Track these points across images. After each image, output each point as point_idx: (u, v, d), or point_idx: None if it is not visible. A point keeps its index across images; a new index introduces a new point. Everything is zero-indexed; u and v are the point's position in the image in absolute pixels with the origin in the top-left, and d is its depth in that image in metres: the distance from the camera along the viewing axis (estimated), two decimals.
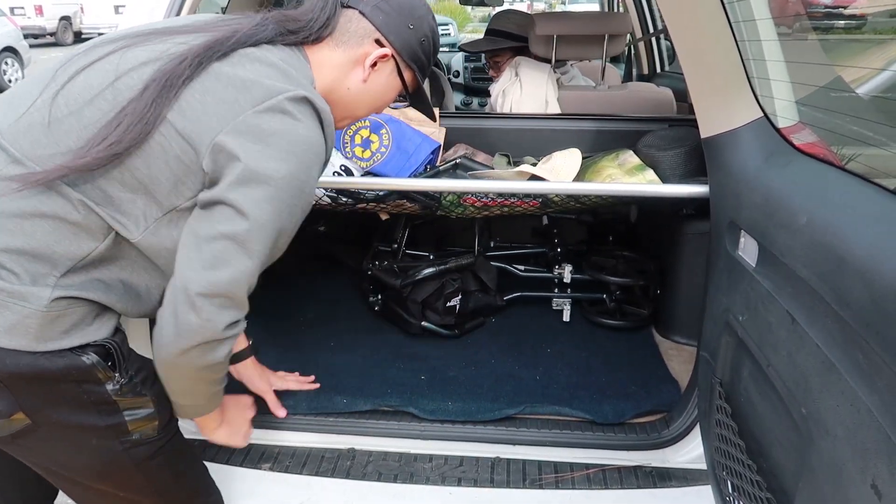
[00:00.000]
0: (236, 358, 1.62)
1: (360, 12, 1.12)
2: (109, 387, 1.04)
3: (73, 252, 0.97)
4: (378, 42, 1.13)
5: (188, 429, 1.73)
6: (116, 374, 1.04)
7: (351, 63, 1.14)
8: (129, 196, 0.98)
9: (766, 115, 1.34)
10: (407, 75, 1.20)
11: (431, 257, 2.39)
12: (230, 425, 1.44)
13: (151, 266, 1.05)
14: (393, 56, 1.15)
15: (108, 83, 0.97)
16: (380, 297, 2.29)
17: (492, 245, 2.58)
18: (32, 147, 0.96)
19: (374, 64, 1.14)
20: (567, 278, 2.29)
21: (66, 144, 0.95)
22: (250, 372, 1.69)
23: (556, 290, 2.35)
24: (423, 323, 2.18)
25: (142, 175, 0.97)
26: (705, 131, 1.45)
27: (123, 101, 0.95)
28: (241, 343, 1.65)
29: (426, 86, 2.38)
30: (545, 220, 2.62)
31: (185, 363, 1.03)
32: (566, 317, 2.29)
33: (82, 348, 1.00)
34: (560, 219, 2.61)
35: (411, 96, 1.26)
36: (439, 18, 8.30)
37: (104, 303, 1.02)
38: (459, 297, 2.20)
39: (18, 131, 0.97)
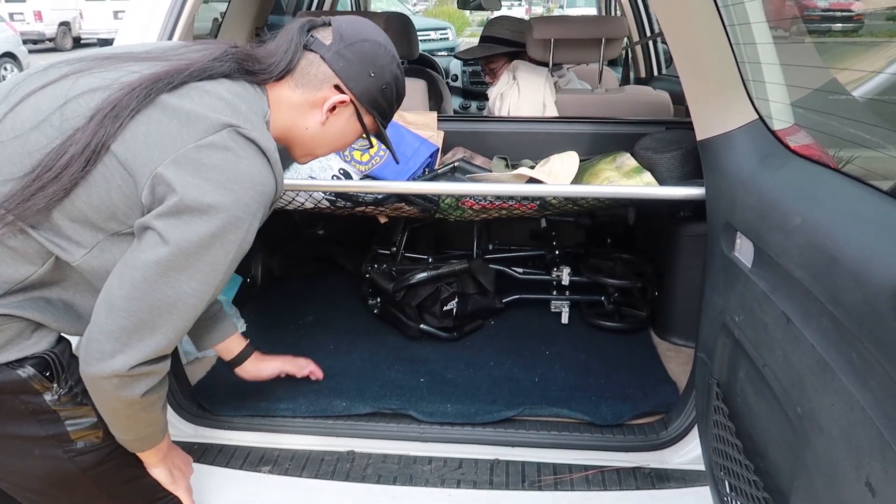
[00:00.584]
0: (238, 360, 1.61)
1: (322, 57, 1.12)
2: (48, 397, 1.03)
3: (10, 276, 0.96)
4: (338, 88, 1.14)
5: (183, 430, 1.75)
6: (55, 385, 1.03)
7: (309, 105, 1.14)
8: (69, 223, 0.96)
9: (761, 117, 1.35)
10: (367, 120, 1.20)
11: (430, 260, 2.39)
12: (170, 471, 1.29)
13: (95, 289, 1.02)
14: (352, 101, 1.16)
15: (57, 107, 0.96)
16: (378, 300, 2.30)
17: (490, 248, 2.59)
18: None
19: (333, 108, 1.15)
20: (565, 280, 2.30)
21: (9, 171, 0.93)
22: (258, 367, 1.65)
23: (554, 293, 2.36)
24: (421, 326, 2.19)
25: (82, 203, 0.95)
26: (701, 134, 1.46)
27: (69, 129, 0.94)
28: (239, 344, 1.61)
29: (424, 90, 2.40)
30: (543, 223, 2.63)
31: (100, 389, 1.01)
32: (564, 319, 2.30)
33: (19, 361, 0.99)
34: (558, 222, 2.61)
35: (370, 139, 1.27)
36: (437, 23, 8.31)
37: (41, 322, 1.01)
38: (456, 300, 2.20)
39: None
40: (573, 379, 1.95)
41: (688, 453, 1.65)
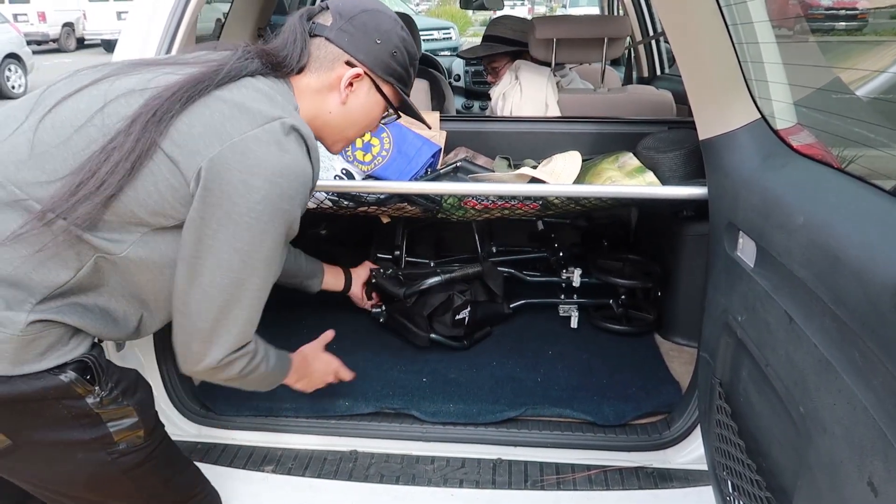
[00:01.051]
0: (346, 288, 2.03)
1: (326, 38, 1.15)
2: (90, 400, 1.03)
3: (51, 280, 0.97)
4: (349, 63, 1.16)
5: (186, 430, 1.75)
6: (96, 388, 1.04)
7: (327, 88, 1.17)
8: (115, 219, 0.98)
9: (763, 116, 1.35)
10: (386, 89, 1.21)
11: (432, 264, 2.35)
12: (310, 378, 1.56)
13: (130, 294, 1.06)
14: (366, 73, 1.17)
15: (97, 109, 0.98)
16: (383, 308, 2.21)
17: (494, 251, 2.57)
18: (17, 171, 0.96)
19: (350, 84, 1.17)
20: (576, 282, 2.27)
21: (53, 170, 0.95)
22: (357, 282, 2.05)
23: (562, 296, 2.33)
24: (431, 335, 2.12)
25: (129, 200, 0.97)
26: (703, 133, 1.46)
27: (111, 130, 0.96)
28: (336, 277, 2.02)
29: (427, 90, 2.39)
30: (541, 226, 2.61)
31: (207, 377, 1.12)
32: (574, 323, 2.27)
33: (60, 367, 1.00)
34: (555, 223, 2.60)
35: (397, 109, 1.28)
36: (440, 23, 8.32)
37: (79, 327, 1.02)
38: (468, 309, 2.14)
39: (2, 154, 0.97)
40: (576, 379, 1.95)
41: (690, 453, 1.65)
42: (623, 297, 2.29)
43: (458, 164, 1.91)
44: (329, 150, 1.28)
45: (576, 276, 2.27)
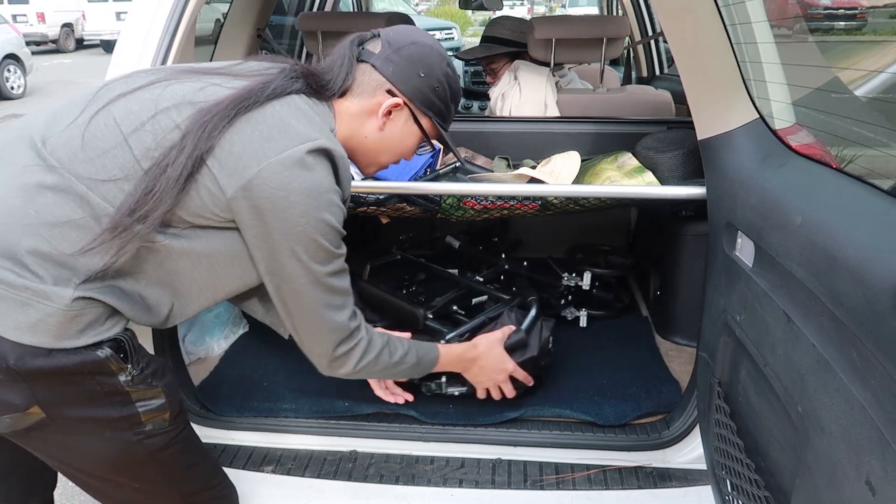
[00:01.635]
0: None
1: (372, 65, 1.19)
2: (122, 378, 1.07)
3: (93, 264, 1.01)
4: (390, 92, 1.20)
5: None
6: (129, 366, 1.08)
7: (366, 113, 1.21)
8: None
9: (761, 116, 1.35)
10: (424, 122, 1.25)
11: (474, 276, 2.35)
12: (481, 371, 1.61)
13: (165, 282, 1.10)
14: (406, 104, 1.21)
15: (149, 116, 1.04)
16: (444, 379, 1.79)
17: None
18: (70, 160, 1.01)
19: (389, 113, 1.21)
20: (586, 285, 2.28)
21: (108, 170, 1.01)
22: None
23: (562, 301, 2.33)
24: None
25: (176, 207, 1.04)
26: (702, 133, 1.46)
27: (165, 141, 1.02)
28: None
29: None
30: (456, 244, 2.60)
31: (343, 375, 1.27)
32: (583, 322, 2.27)
33: (96, 344, 1.04)
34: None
35: (431, 143, 1.32)
36: (443, 23, 8.33)
37: (118, 308, 1.06)
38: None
39: (59, 143, 1.02)
40: (575, 379, 1.95)
41: (690, 452, 1.65)
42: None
43: (457, 165, 1.91)
44: (362, 173, 1.33)
45: (586, 279, 2.27)
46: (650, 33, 3.81)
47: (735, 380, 1.29)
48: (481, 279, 2.36)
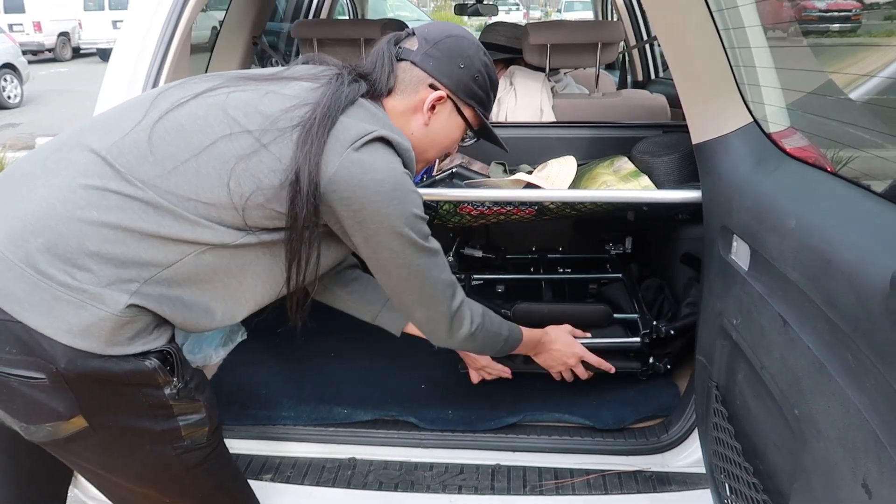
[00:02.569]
0: None
1: (412, 62, 1.22)
2: (167, 391, 1.07)
3: (160, 260, 1.02)
4: (433, 87, 1.22)
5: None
6: (174, 379, 1.07)
7: (411, 110, 1.23)
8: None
9: (755, 120, 1.35)
10: (467, 112, 1.27)
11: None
12: (550, 354, 1.67)
13: (213, 292, 1.10)
14: (449, 97, 1.23)
15: (224, 130, 1.05)
16: None
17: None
18: (139, 164, 1.02)
19: (433, 107, 1.23)
20: (629, 248, 2.35)
21: (186, 183, 1.02)
22: None
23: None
24: None
25: None
26: (696, 137, 1.47)
27: (246, 152, 1.04)
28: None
29: None
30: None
31: (453, 346, 1.34)
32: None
33: (144, 354, 1.04)
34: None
35: (476, 132, 1.33)
36: None
37: (167, 317, 1.05)
38: None
39: (123, 149, 1.02)
40: (574, 383, 1.94)
41: (688, 456, 1.65)
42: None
43: (453, 171, 1.92)
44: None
45: (628, 243, 2.34)
46: (645, 38, 3.82)
47: (732, 383, 1.29)
48: (570, 271, 2.39)
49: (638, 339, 1.84)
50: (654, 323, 1.84)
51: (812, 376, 0.93)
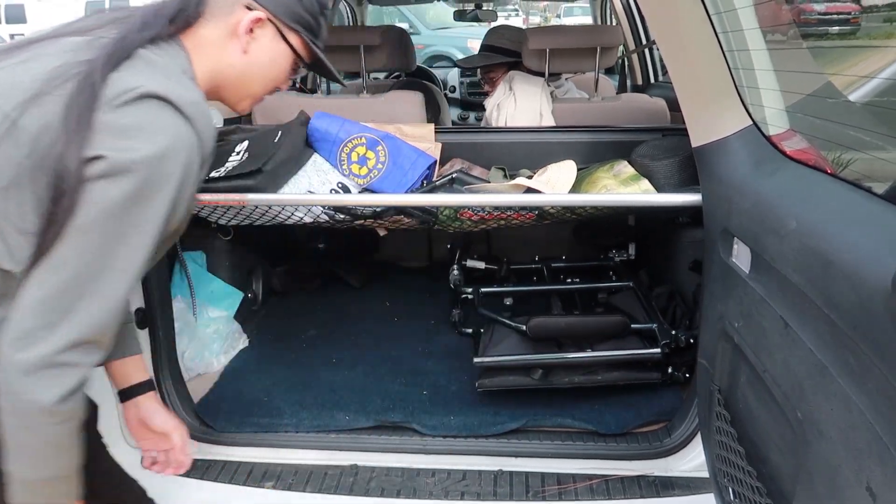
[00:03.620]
0: (131, 392, 1.24)
1: None
2: None
3: None
4: (248, 7, 1.06)
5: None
6: None
7: (227, 35, 1.06)
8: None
9: (755, 123, 1.35)
10: (293, 39, 1.12)
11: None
12: None
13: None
14: (268, 19, 1.08)
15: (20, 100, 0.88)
16: None
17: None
18: None
19: (251, 31, 1.07)
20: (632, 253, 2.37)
21: None
22: (151, 410, 1.24)
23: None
24: None
25: None
26: (696, 140, 1.46)
27: (40, 139, 0.87)
28: (138, 372, 1.25)
29: (422, 102, 2.40)
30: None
31: (14, 393, 0.89)
32: None
33: None
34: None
35: (309, 65, 1.18)
36: None
37: None
38: None
39: None
40: (576, 388, 1.94)
41: (692, 460, 1.64)
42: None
43: (453, 176, 1.92)
44: (235, 110, 1.18)
45: (631, 249, 2.35)
46: (644, 42, 3.82)
47: (735, 386, 1.28)
48: (578, 280, 2.40)
49: (658, 350, 1.82)
50: (674, 332, 1.82)
51: (814, 378, 0.92)
